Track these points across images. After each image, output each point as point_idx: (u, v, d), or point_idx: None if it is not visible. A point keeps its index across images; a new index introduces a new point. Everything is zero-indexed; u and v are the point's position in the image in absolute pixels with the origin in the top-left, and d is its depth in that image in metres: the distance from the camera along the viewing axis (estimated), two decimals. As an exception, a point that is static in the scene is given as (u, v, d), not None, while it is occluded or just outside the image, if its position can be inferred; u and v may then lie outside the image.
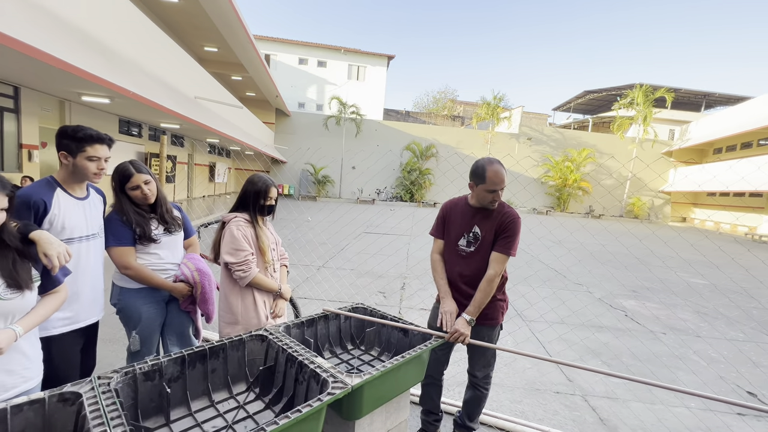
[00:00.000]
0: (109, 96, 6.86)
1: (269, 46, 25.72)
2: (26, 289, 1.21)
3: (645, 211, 25.21)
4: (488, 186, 1.86)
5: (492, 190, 1.86)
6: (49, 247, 1.28)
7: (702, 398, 2.90)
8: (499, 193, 1.88)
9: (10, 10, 3.78)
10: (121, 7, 6.34)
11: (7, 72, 5.89)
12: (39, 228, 1.35)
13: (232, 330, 2.00)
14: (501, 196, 1.92)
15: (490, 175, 1.85)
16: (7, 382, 1.21)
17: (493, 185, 1.85)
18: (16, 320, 1.21)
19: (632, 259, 8.92)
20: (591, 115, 32.93)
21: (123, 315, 2.00)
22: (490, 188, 1.86)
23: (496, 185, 1.85)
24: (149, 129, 12.18)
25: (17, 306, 1.20)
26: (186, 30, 12.69)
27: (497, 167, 1.86)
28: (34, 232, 1.29)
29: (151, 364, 1.37)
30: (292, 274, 5.58)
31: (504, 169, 1.89)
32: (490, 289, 1.88)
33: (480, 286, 1.89)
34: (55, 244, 1.30)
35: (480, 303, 1.87)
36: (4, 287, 1.17)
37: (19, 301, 1.20)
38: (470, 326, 1.86)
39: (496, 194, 1.87)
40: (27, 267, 1.24)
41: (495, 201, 1.91)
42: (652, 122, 23.45)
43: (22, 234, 1.26)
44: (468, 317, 1.86)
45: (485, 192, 1.89)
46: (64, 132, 1.64)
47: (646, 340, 4.14)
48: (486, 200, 1.91)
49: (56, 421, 1.13)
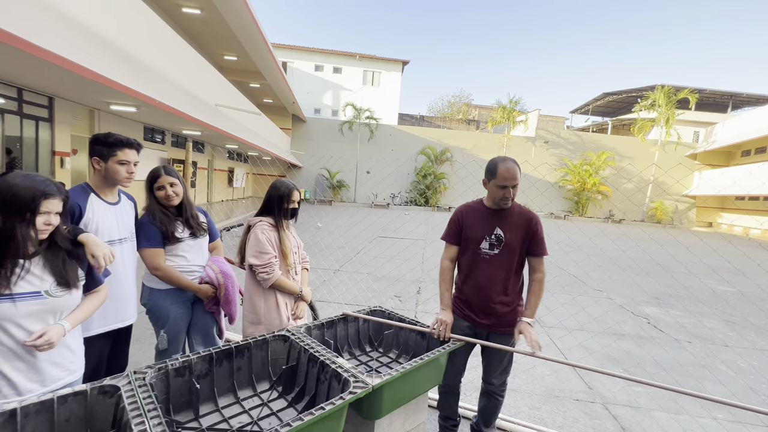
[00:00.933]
0: (136, 105, 7.15)
1: (286, 53, 26.26)
2: (73, 288, 1.31)
3: (668, 215, 24.40)
4: (499, 181, 1.88)
5: (503, 185, 1.88)
6: (96, 249, 1.38)
7: (731, 409, 2.80)
8: (510, 190, 1.88)
9: (50, 27, 4.02)
10: (148, 20, 6.64)
11: (45, 83, 6.23)
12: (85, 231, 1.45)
13: (255, 330, 2.07)
14: (514, 195, 1.92)
15: (502, 170, 1.87)
16: (54, 374, 1.30)
17: (504, 180, 1.87)
18: (64, 316, 1.30)
19: (654, 265, 8.66)
20: (610, 118, 32.20)
21: (152, 314, 2.10)
22: (501, 183, 1.88)
23: (506, 181, 1.86)
24: (172, 136, 12.61)
25: (65, 303, 1.29)
26: (207, 40, 13.12)
27: (510, 164, 1.88)
28: (82, 235, 1.40)
29: (182, 360, 1.44)
30: (310, 277, 5.66)
31: (518, 167, 1.90)
32: (542, 291, 1.96)
33: (533, 289, 1.96)
34: (101, 246, 1.40)
35: (536, 305, 1.94)
36: (55, 285, 1.26)
37: (67, 299, 1.29)
38: (532, 327, 1.90)
39: (506, 191, 1.88)
40: (74, 267, 1.34)
41: (506, 198, 1.90)
42: (675, 124, 22.75)
43: (71, 236, 1.37)
44: (529, 320, 1.90)
45: (496, 188, 1.91)
46: (96, 139, 1.75)
47: (670, 349, 4.02)
48: (498, 197, 1.92)
49: (97, 411, 1.20)
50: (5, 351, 1.19)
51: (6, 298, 1.17)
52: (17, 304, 1.19)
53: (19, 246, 1.19)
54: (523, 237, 1.95)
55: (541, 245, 1.96)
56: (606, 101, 30.01)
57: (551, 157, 25.43)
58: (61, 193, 1.26)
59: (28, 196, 1.17)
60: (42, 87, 6.56)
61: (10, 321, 1.19)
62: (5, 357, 1.20)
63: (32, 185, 1.19)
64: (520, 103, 24.53)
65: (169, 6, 10.69)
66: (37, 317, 1.23)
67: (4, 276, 1.17)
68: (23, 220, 1.18)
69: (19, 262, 1.21)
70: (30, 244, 1.21)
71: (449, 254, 2.11)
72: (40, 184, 1.21)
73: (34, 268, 1.23)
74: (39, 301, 1.23)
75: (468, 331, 2.04)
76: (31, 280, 1.22)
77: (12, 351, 1.20)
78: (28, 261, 1.22)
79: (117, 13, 5.69)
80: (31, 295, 1.21)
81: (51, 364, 1.29)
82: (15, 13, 3.64)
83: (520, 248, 1.96)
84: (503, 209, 1.98)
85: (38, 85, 6.45)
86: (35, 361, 1.25)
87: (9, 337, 1.19)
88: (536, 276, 1.98)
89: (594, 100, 30.25)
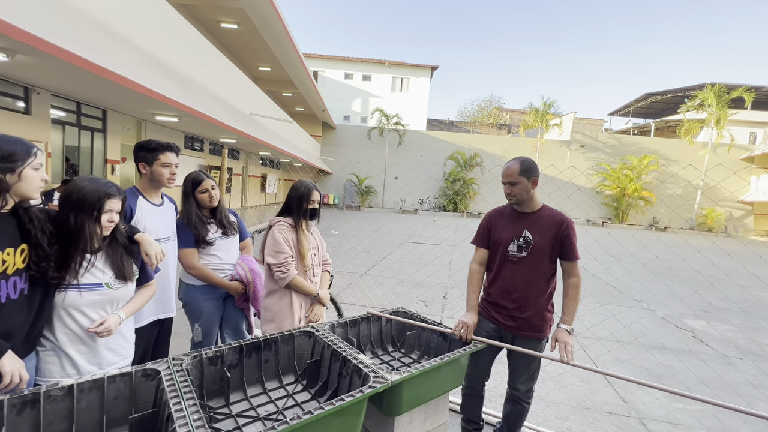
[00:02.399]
0: (178, 115, 7.67)
1: (317, 63, 27.08)
2: (129, 281, 1.46)
3: (721, 223, 22.56)
4: (501, 179, 2.03)
5: (503, 182, 2.02)
6: (149, 247, 1.54)
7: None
8: (508, 187, 1.98)
9: (111, 48, 4.44)
10: (191, 37, 7.12)
11: (100, 98, 6.85)
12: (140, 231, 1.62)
13: (268, 327, 2.11)
14: (514, 192, 1.97)
15: (503, 169, 2.02)
16: (110, 359, 1.45)
17: (502, 178, 2.02)
18: (120, 307, 1.45)
19: (702, 275, 8.06)
20: (653, 119, 30.43)
21: (188, 309, 2.25)
22: (502, 181, 2.03)
23: (503, 177, 2.01)
24: (209, 144, 13.34)
25: (122, 294, 1.44)
26: (243, 52, 13.83)
27: (509, 162, 2.00)
28: (138, 234, 1.56)
29: (215, 350, 1.54)
30: (336, 279, 5.78)
31: (519, 164, 1.94)
32: (579, 295, 1.93)
33: (569, 294, 1.93)
34: (154, 245, 1.57)
35: (574, 311, 1.91)
36: (114, 278, 1.42)
37: (124, 291, 1.45)
38: (571, 335, 1.86)
39: (506, 187, 1.99)
40: (130, 262, 1.49)
41: (508, 195, 2.00)
42: (727, 125, 21.11)
43: (128, 235, 1.53)
44: (568, 327, 1.86)
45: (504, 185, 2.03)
46: (140, 146, 1.93)
47: (717, 365, 3.73)
48: (505, 194, 2.04)
49: (140, 392, 1.32)
50: (70, 334, 1.36)
51: (74, 288, 1.34)
52: (83, 293, 1.35)
53: (87, 241, 1.35)
54: (552, 240, 1.92)
55: (573, 249, 1.92)
56: (648, 102, 28.43)
57: (587, 161, 24.38)
58: (120, 194, 1.42)
59: (95, 197, 1.34)
60: (97, 101, 7.20)
61: (76, 308, 1.35)
62: (70, 340, 1.36)
63: (97, 187, 1.36)
64: (554, 106, 23.77)
65: (209, 22, 11.41)
66: (97, 306, 1.39)
67: (73, 268, 1.33)
68: (91, 218, 1.34)
69: (86, 256, 1.36)
70: (96, 240, 1.38)
71: (478, 257, 2.14)
72: (104, 185, 1.37)
73: (97, 262, 1.39)
74: (100, 292, 1.38)
75: (493, 333, 2.04)
76: (95, 272, 1.38)
77: (76, 335, 1.36)
78: (93, 255, 1.38)
79: (166, 33, 6.16)
80: (94, 286, 1.37)
81: (108, 349, 1.44)
82: (94, 43, 4.08)
83: (549, 251, 1.93)
84: (534, 212, 2.00)
85: (94, 100, 7.09)
86: (95, 345, 1.40)
87: (74, 322, 1.35)
88: (571, 281, 1.94)
89: (635, 102, 28.74)
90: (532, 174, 1.94)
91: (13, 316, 1.22)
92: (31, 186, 1.23)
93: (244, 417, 1.47)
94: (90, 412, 1.23)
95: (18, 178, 1.19)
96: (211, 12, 10.80)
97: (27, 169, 1.21)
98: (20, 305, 1.23)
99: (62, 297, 1.33)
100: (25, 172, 1.20)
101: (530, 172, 1.94)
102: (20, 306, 1.23)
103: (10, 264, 1.20)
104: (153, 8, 5.82)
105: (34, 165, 1.23)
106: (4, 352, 1.17)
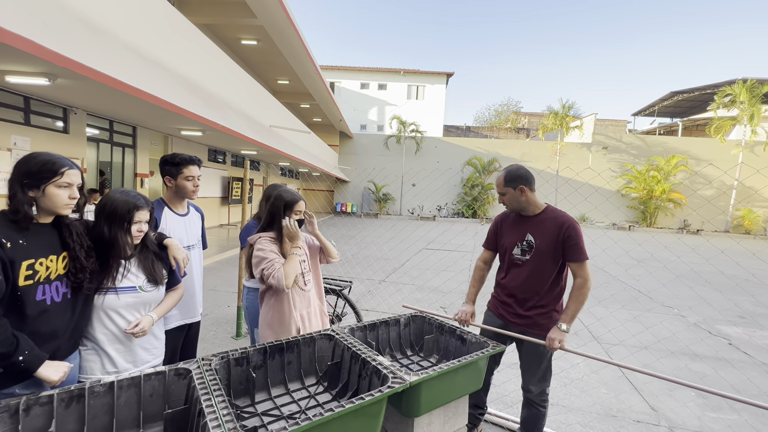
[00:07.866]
0: (202, 129, 8.00)
1: (333, 74, 27.63)
2: (160, 285, 1.58)
3: (759, 224, 21.32)
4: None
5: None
6: (177, 253, 1.66)
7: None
8: (500, 196, 2.07)
9: (144, 71, 4.74)
10: (213, 54, 7.47)
11: (131, 116, 7.26)
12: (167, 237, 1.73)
13: (266, 333, 1.97)
14: (505, 202, 2.06)
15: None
16: (144, 357, 1.56)
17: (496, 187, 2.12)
18: (152, 309, 1.56)
19: (738, 279, 7.65)
20: (680, 118, 29.28)
21: (247, 312, 2.34)
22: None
23: (495, 187, 2.13)
24: (231, 156, 13.80)
25: (153, 297, 1.55)
26: (262, 67, 14.32)
27: (499, 173, 2.08)
28: (167, 240, 1.68)
29: (240, 351, 1.62)
30: (356, 286, 5.83)
31: (505, 175, 2.02)
32: (583, 297, 1.91)
33: (572, 295, 1.93)
34: (181, 250, 1.68)
35: (575, 312, 1.90)
36: (146, 282, 1.53)
37: (155, 294, 1.56)
38: (565, 334, 1.89)
39: (499, 197, 2.09)
40: (160, 267, 1.60)
41: (502, 203, 2.09)
42: (762, 121, 20.06)
43: (157, 241, 1.65)
44: (564, 326, 1.89)
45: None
46: (165, 161, 2.04)
47: (755, 374, 3.54)
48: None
49: (173, 390, 1.41)
50: (109, 335, 1.47)
51: (112, 291, 1.45)
52: (120, 296, 1.47)
53: (121, 249, 1.47)
54: (554, 242, 1.94)
55: (577, 250, 1.91)
56: (674, 101, 27.38)
57: (610, 163, 23.65)
58: (149, 205, 1.53)
59: (125, 209, 1.45)
60: (129, 118, 7.63)
61: (114, 310, 1.46)
62: (109, 340, 1.47)
63: (127, 199, 1.47)
64: (574, 108, 23.27)
65: (230, 40, 11.91)
66: (132, 308, 1.50)
67: (111, 273, 1.45)
68: (122, 228, 1.46)
69: (122, 262, 1.48)
70: (128, 248, 1.49)
71: (483, 256, 2.29)
72: (133, 198, 1.49)
73: (131, 268, 1.51)
74: (134, 294, 1.50)
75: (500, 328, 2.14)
76: (130, 277, 1.50)
77: (114, 335, 1.48)
78: (127, 261, 1.50)
79: (190, 52, 6.49)
80: (130, 289, 1.49)
81: (142, 348, 1.55)
82: (126, 64, 4.38)
83: (552, 253, 1.95)
84: (536, 215, 2.03)
85: (126, 117, 7.52)
86: (131, 345, 1.52)
87: (113, 323, 1.47)
88: (576, 282, 1.95)
89: (660, 101, 27.76)
90: (518, 182, 1.97)
91: (57, 318, 1.32)
92: (54, 202, 1.28)
93: (269, 416, 1.53)
94: (128, 408, 1.32)
95: (42, 194, 1.26)
96: (232, 30, 11.28)
97: (51, 187, 1.26)
98: (64, 308, 1.34)
99: (101, 300, 1.44)
100: (48, 189, 1.25)
101: (515, 181, 1.98)
102: (64, 308, 1.34)
103: (53, 270, 1.31)
104: (179, 29, 6.16)
105: (60, 183, 1.27)
106: (42, 362, 1.22)
